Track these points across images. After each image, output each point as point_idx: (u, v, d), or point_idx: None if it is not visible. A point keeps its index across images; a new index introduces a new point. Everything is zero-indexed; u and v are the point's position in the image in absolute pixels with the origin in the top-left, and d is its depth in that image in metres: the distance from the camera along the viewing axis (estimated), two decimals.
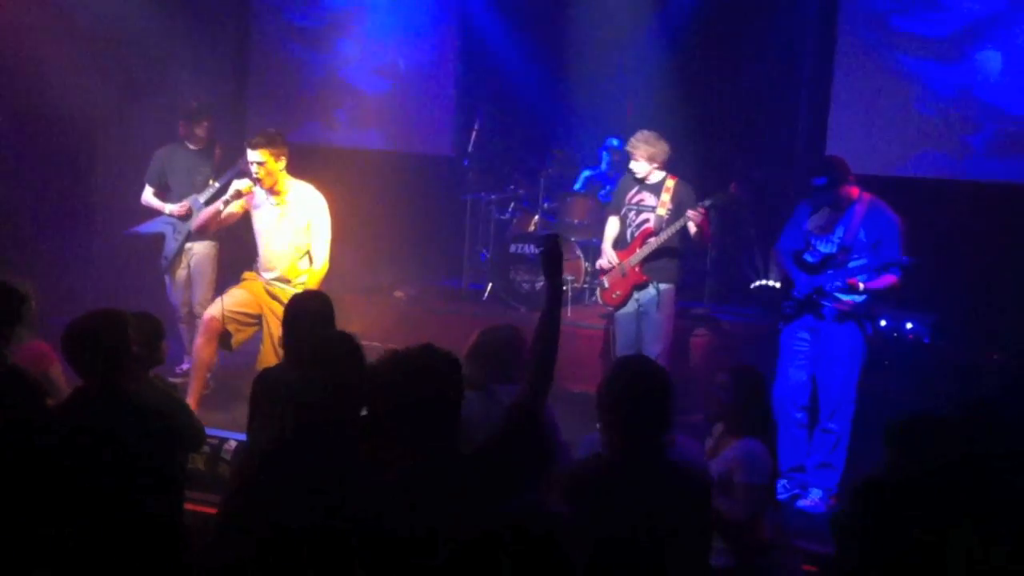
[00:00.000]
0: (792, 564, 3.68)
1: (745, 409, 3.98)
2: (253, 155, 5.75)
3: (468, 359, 4.11)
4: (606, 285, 6.49)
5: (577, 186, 8.96)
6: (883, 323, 7.37)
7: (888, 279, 5.36)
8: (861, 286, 5.34)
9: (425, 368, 2.77)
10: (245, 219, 6.15)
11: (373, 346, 7.88)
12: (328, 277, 6.16)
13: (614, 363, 3.27)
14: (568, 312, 7.93)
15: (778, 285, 5.71)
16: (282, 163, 5.83)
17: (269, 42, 10.03)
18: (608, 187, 8.46)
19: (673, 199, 6.26)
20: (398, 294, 8.65)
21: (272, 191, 5.90)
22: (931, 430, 3.32)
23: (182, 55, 8.59)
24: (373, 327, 8.15)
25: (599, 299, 6.76)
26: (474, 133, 8.88)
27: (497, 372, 4.12)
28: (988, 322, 7.33)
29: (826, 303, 5.45)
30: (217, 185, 7.08)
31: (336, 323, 4.29)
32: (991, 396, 4.18)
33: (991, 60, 7.85)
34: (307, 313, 4.24)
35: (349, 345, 3.50)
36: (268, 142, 5.76)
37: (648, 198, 6.38)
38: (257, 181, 5.84)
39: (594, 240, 7.54)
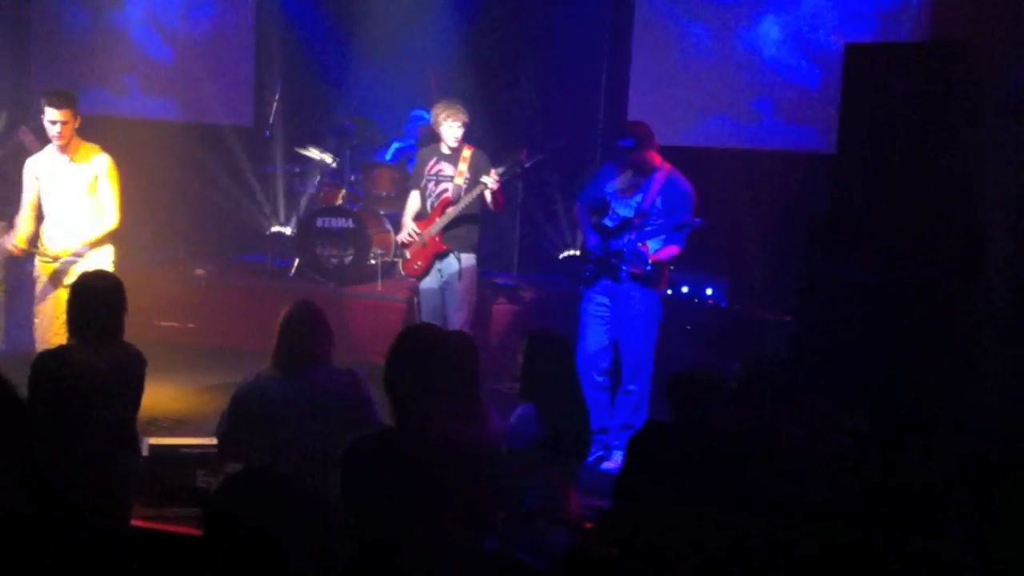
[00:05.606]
0: (551, 527, 3.79)
1: (530, 374, 4.05)
2: (56, 114, 5.70)
3: (280, 339, 4.04)
4: (407, 256, 6.49)
5: (388, 156, 8.87)
6: (685, 289, 7.67)
7: (671, 250, 5.56)
8: (650, 255, 5.49)
9: None
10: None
11: (173, 326, 7.73)
12: (120, 255, 5.95)
13: (398, 334, 3.24)
14: (379, 285, 7.90)
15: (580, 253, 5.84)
16: (77, 122, 5.83)
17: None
18: None
19: (470, 168, 6.32)
20: (199, 272, 8.31)
21: (65, 150, 5.83)
22: (702, 381, 3.48)
23: None
24: (173, 307, 7.88)
25: (401, 270, 6.75)
26: (275, 104, 8.62)
27: (303, 352, 4.05)
28: (778, 286, 7.71)
29: (623, 266, 5.60)
30: None
31: (129, 303, 4.13)
32: (769, 356, 4.42)
33: (773, 28, 8.23)
34: (94, 294, 4.04)
35: None
36: (70, 100, 5.77)
37: (446, 168, 6.41)
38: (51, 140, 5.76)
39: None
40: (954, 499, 3.30)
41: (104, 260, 5.83)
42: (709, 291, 7.71)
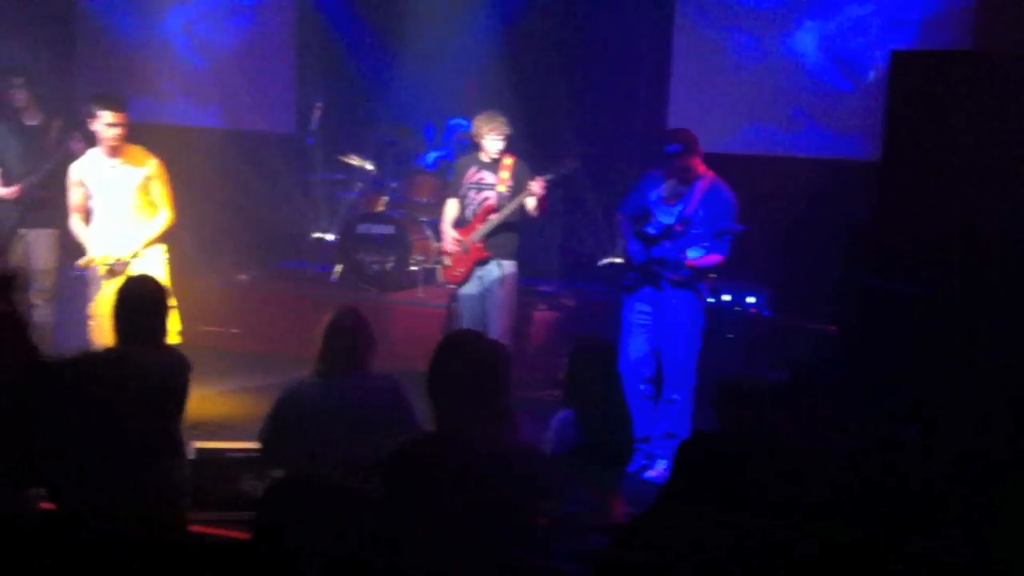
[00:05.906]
0: (592, 534, 3.80)
1: (574, 379, 4.05)
2: (113, 117, 5.84)
3: (324, 345, 4.09)
4: (447, 262, 6.52)
5: (428, 165, 8.92)
6: (727, 297, 7.62)
7: (713, 257, 5.54)
8: (688, 261, 5.47)
9: None
10: None
11: (216, 331, 7.81)
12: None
13: (441, 340, 3.26)
14: (419, 292, 7.93)
15: (622, 261, 5.84)
16: None
17: (96, 7, 9.66)
18: None
19: (513, 176, 6.36)
20: (242, 277, 8.42)
21: (116, 153, 5.97)
22: (752, 390, 3.47)
23: None
24: (217, 312, 7.96)
25: (440, 277, 6.77)
26: (317, 111, 8.71)
27: (347, 358, 4.10)
28: (822, 295, 7.64)
29: (665, 273, 5.58)
30: (48, 166, 6.71)
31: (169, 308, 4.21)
32: (814, 362, 4.40)
33: (812, 35, 8.17)
34: (137, 298, 4.11)
35: None
36: (123, 103, 5.94)
37: (487, 176, 6.44)
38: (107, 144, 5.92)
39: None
40: (954, 499, 3.27)
41: (157, 258, 5.97)
42: (751, 299, 7.65)
